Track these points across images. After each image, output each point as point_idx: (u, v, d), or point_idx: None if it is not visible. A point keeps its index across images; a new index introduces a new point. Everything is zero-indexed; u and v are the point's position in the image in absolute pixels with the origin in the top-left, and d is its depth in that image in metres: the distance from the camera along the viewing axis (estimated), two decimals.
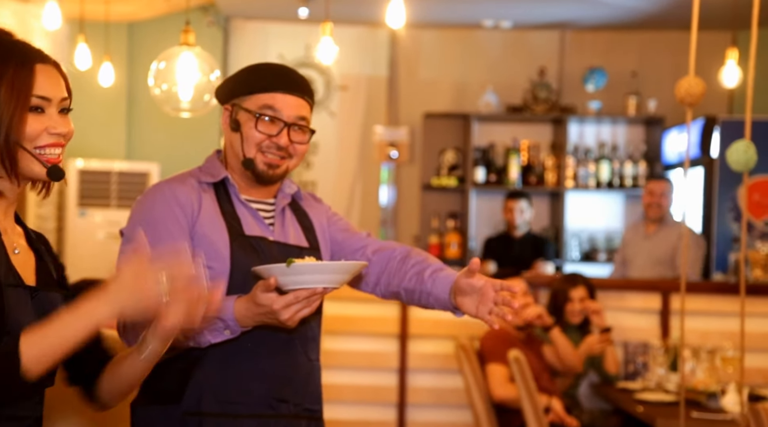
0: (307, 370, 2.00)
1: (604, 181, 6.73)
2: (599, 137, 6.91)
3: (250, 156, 1.96)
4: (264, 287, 1.72)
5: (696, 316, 4.53)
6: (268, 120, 1.95)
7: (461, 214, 6.85)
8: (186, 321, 1.47)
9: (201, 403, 1.88)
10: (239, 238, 1.93)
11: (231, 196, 1.99)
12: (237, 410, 1.89)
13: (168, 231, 1.88)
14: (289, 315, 1.73)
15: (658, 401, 3.82)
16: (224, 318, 1.79)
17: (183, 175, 2.01)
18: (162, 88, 3.14)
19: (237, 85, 2.02)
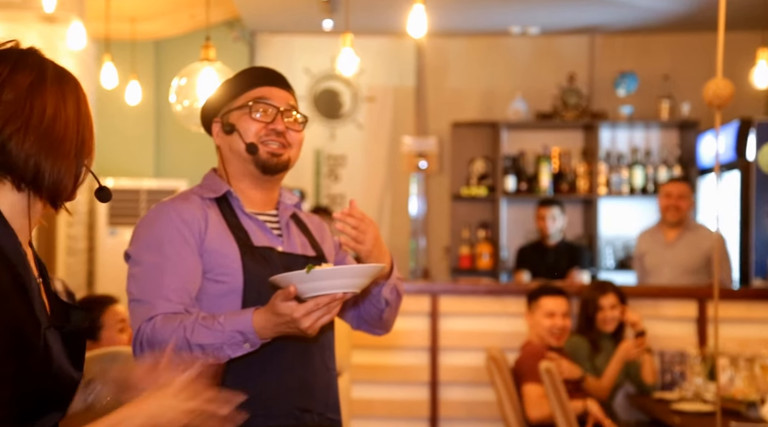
0: (326, 379, 2.03)
1: (637, 187, 6.67)
2: (632, 143, 6.86)
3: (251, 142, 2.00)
4: (283, 296, 1.73)
5: (734, 323, 4.47)
6: (261, 111, 2.01)
7: (492, 224, 6.83)
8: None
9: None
10: (249, 249, 1.95)
11: (235, 210, 2.02)
12: (262, 422, 1.91)
13: (176, 251, 1.90)
14: (310, 323, 1.73)
15: (695, 411, 3.77)
16: (243, 331, 1.79)
17: (185, 194, 2.03)
18: (184, 104, 3.17)
19: (220, 97, 2.08)
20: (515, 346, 4.26)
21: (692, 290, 4.72)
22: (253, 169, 2.02)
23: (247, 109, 2.02)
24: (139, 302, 1.89)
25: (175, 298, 1.87)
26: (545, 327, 4.05)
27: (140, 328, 1.85)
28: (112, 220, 6.30)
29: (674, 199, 4.95)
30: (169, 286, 1.87)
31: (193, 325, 1.81)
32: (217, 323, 1.80)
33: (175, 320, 1.83)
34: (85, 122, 1.53)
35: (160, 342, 1.82)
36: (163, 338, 1.82)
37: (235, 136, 2.02)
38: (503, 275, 6.68)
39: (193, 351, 1.80)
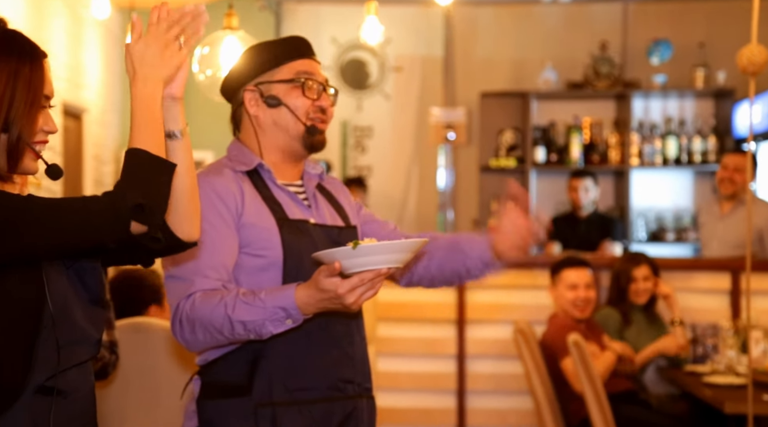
0: (363, 349, 2.06)
1: (671, 157, 6.59)
2: (665, 112, 6.77)
3: (310, 123, 2.00)
4: (328, 272, 1.73)
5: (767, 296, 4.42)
6: (312, 87, 2.00)
7: None
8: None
9: (272, 393, 1.91)
10: (286, 223, 1.95)
11: (267, 182, 2.01)
12: (307, 396, 1.93)
13: (213, 227, 1.89)
14: (354, 299, 1.74)
15: (727, 384, 3.74)
16: (286, 307, 1.79)
17: (216, 167, 2.01)
18: (206, 73, 3.17)
19: (255, 64, 2.03)
20: (543, 319, 4.25)
21: (726, 262, 4.67)
22: (296, 146, 2.02)
23: (297, 84, 2.00)
24: (176, 278, 1.89)
25: (213, 274, 1.87)
26: (569, 300, 4.04)
27: (179, 305, 1.86)
28: None
29: (729, 172, 4.87)
30: (207, 262, 1.87)
31: (234, 302, 1.81)
32: (258, 299, 1.80)
33: (215, 296, 1.83)
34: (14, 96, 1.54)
35: (201, 319, 1.83)
36: (203, 314, 1.82)
37: (283, 111, 1.99)
38: (533, 248, 6.64)
39: (235, 328, 1.81)
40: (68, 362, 1.55)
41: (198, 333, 1.84)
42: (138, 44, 1.58)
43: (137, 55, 1.58)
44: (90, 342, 1.60)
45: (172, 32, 1.58)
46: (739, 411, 3.48)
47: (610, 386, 3.84)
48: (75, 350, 1.57)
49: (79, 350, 1.58)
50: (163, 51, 1.57)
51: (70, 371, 1.57)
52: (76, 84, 5.80)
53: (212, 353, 1.95)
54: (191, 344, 1.88)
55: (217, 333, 1.83)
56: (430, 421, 4.70)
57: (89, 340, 1.60)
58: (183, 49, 1.58)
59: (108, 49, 6.49)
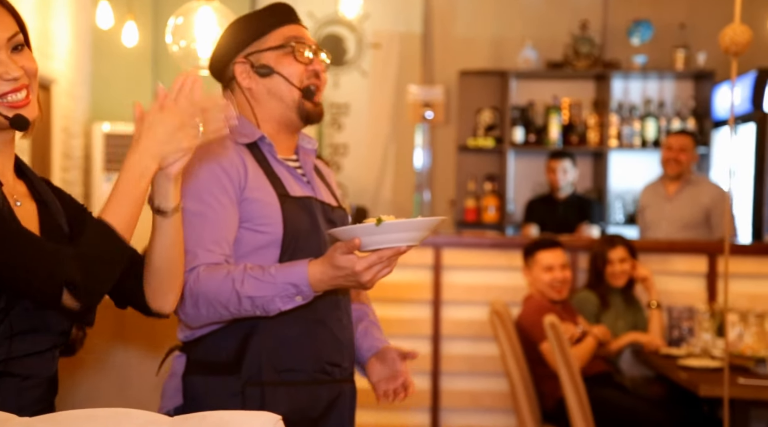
0: (350, 332, 2.04)
1: (650, 139, 6.62)
2: (645, 94, 6.79)
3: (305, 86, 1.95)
4: (345, 249, 1.71)
5: (745, 279, 4.46)
6: (303, 52, 1.96)
7: (499, 176, 6.80)
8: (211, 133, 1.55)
9: (261, 373, 1.89)
10: (287, 199, 1.93)
11: (267, 156, 1.97)
12: (296, 377, 1.92)
13: (216, 200, 1.87)
14: (370, 276, 1.73)
15: (702, 367, 3.77)
16: (297, 283, 1.76)
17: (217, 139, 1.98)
18: (180, 44, 3.12)
19: (241, 36, 1.99)
20: (519, 300, 4.26)
21: (702, 245, 4.70)
22: (292, 116, 1.98)
23: (288, 49, 1.95)
24: None
25: (216, 248, 1.85)
26: (545, 282, 4.05)
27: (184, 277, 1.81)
28: (108, 166, 6.28)
29: (675, 152, 4.96)
30: (211, 236, 1.85)
31: (242, 276, 1.79)
32: (268, 274, 1.78)
33: (221, 270, 1.81)
34: None
35: (205, 293, 1.80)
36: (208, 289, 1.80)
37: (277, 79, 1.95)
38: (509, 229, 6.66)
39: (242, 303, 1.78)
40: (21, 350, 1.52)
41: (201, 308, 1.81)
42: (154, 115, 1.50)
43: (148, 124, 1.50)
44: (53, 331, 1.57)
45: (193, 113, 1.50)
46: (714, 394, 3.51)
47: (585, 369, 3.86)
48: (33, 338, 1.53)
49: (39, 339, 1.55)
50: (176, 130, 1.49)
51: (30, 358, 1.54)
52: (44, 54, 5.70)
53: (200, 330, 1.92)
54: (192, 318, 1.85)
55: (222, 308, 1.80)
56: (404, 402, 4.69)
57: (51, 329, 1.56)
58: (198, 135, 1.50)
59: (78, 17, 6.38)
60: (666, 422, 3.78)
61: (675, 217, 4.96)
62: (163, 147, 1.49)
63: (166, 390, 1.97)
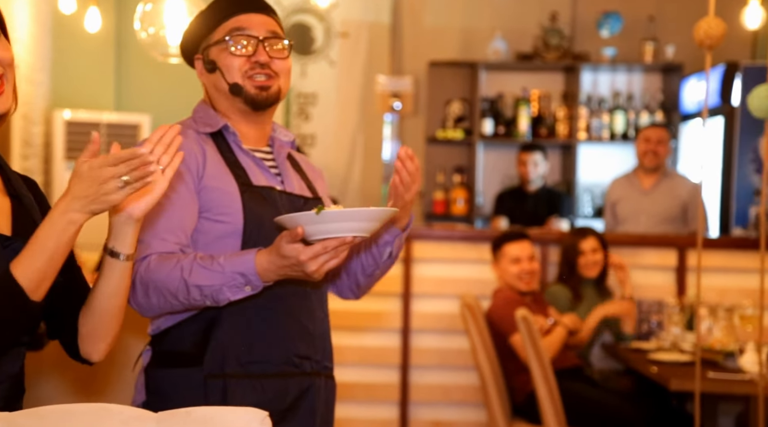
0: (324, 326, 2.02)
1: (618, 132, 6.66)
2: (614, 86, 6.83)
3: (234, 82, 1.94)
4: (290, 238, 1.69)
5: (714, 273, 4.51)
6: (241, 44, 1.94)
7: (468, 168, 6.81)
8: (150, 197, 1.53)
9: (224, 365, 1.86)
10: (249, 189, 1.91)
11: (231, 146, 1.96)
12: (261, 369, 1.89)
13: (172, 187, 1.82)
14: (316, 267, 1.70)
15: (672, 361, 3.81)
16: (245, 273, 1.75)
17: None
18: (149, 31, 3.09)
19: (197, 30, 2.01)
20: (489, 293, 4.27)
21: (672, 239, 4.75)
22: (241, 106, 1.97)
23: (224, 43, 1.95)
24: None
25: (170, 237, 1.83)
26: (513, 274, 4.07)
27: (135, 266, 1.80)
28: (69, 154, 6.18)
29: (653, 145, 5.00)
30: (165, 225, 1.83)
31: (191, 265, 1.77)
32: (216, 263, 1.76)
33: (171, 259, 1.79)
34: None
35: (155, 282, 1.78)
36: (158, 277, 1.78)
37: (218, 75, 1.96)
38: (478, 222, 6.68)
39: (190, 292, 1.76)
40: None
41: (152, 297, 1.79)
42: (82, 165, 1.45)
43: (75, 176, 1.46)
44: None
45: (112, 170, 1.44)
46: (685, 388, 3.55)
47: (555, 362, 3.88)
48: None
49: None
50: (99, 185, 1.44)
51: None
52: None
53: (165, 322, 1.90)
54: (144, 308, 1.83)
55: (171, 297, 1.78)
56: (373, 396, 4.70)
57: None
58: (123, 189, 1.45)
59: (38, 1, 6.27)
60: (635, 415, 3.82)
61: (654, 210, 4.99)
62: (88, 203, 1.45)
63: (136, 386, 1.96)
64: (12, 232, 1.57)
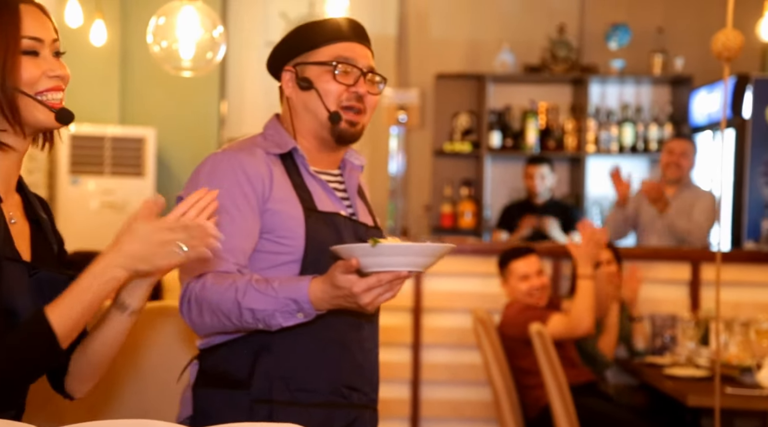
0: (373, 357, 2.01)
1: (627, 145, 6.67)
2: (622, 98, 6.84)
3: (336, 110, 1.94)
4: (344, 269, 1.69)
5: (727, 287, 4.49)
6: (344, 71, 1.94)
7: (476, 181, 6.81)
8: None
9: (272, 391, 1.86)
10: (313, 214, 1.90)
11: (300, 168, 1.96)
12: (309, 398, 1.88)
13: (236, 208, 1.85)
14: (369, 299, 1.69)
15: (688, 376, 3.80)
16: (298, 300, 1.74)
17: (248, 145, 1.96)
18: (162, 45, 3.10)
19: (297, 43, 1.99)
20: (500, 307, 4.26)
21: (686, 252, 4.75)
22: (326, 135, 1.97)
23: (329, 68, 1.94)
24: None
25: (230, 257, 1.83)
26: (523, 291, 4.04)
27: (189, 285, 1.82)
28: (74, 168, 6.19)
29: (676, 157, 5.05)
30: (225, 244, 1.78)
31: (245, 287, 1.77)
32: (270, 287, 1.76)
33: (227, 279, 1.79)
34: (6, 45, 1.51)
35: (209, 301, 1.78)
36: (213, 297, 1.78)
37: (313, 96, 1.95)
38: (486, 235, 6.68)
39: (243, 315, 1.76)
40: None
41: (205, 316, 1.80)
42: (141, 226, 1.45)
43: (129, 234, 1.46)
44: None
45: (175, 235, 1.45)
46: (702, 404, 3.54)
47: (570, 378, 3.87)
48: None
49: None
50: (155, 248, 1.45)
51: None
52: None
53: (215, 339, 1.90)
54: (198, 326, 1.84)
55: (224, 318, 1.78)
56: (384, 412, 4.64)
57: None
58: (179, 255, 1.46)
59: None
60: None
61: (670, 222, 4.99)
62: (137, 262, 1.45)
63: (182, 400, 1.96)
64: (31, 257, 1.57)
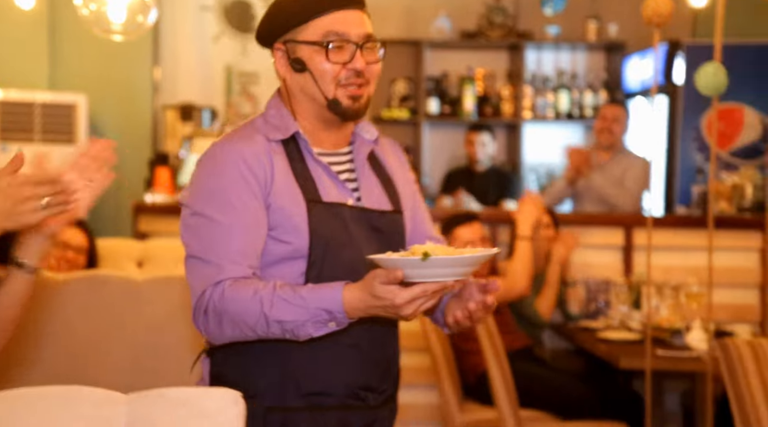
0: (390, 348, 1.90)
1: (563, 111, 6.73)
2: (558, 65, 6.89)
3: (333, 96, 1.79)
4: (387, 279, 1.58)
5: (659, 251, 4.57)
6: (337, 47, 1.79)
7: (414, 148, 6.81)
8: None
9: (285, 397, 1.79)
10: (317, 206, 1.78)
11: (302, 152, 1.82)
12: (323, 402, 1.80)
13: (244, 206, 1.74)
14: (412, 310, 1.61)
15: (621, 339, 3.88)
16: (331, 310, 1.64)
17: (248, 131, 1.82)
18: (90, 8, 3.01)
19: (285, 18, 1.83)
20: None
21: (619, 218, 4.83)
22: (328, 115, 1.82)
23: (320, 47, 1.78)
24: (202, 261, 1.73)
25: (243, 261, 1.72)
26: None
27: (205, 293, 1.71)
28: (3, 135, 6.02)
29: (608, 123, 5.14)
30: (237, 247, 1.72)
31: (271, 298, 1.67)
32: (299, 297, 1.66)
33: (248, 288, 1.69)
34: None
35: (231, 313, 1.69)
36: (235, 309, 1.68)
37: (308, 78, 1.80)
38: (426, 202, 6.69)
39: (270, 327, 1.67)
40: None
41: (225, 327, 1.70)
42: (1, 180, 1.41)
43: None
44: None
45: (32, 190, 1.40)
46: (633, 366, 3.62)
47: (507, 343, 3.92)
48: None
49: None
50: (14, 204, 1.40)
51: None
52: None
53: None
54: (215, 337, 1.75)
55: (248, 330, 1.69)
56: None
57: None
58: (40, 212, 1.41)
59: None
60: (585, 394, 3.88)
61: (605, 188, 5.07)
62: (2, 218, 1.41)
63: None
64: None
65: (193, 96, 6.59)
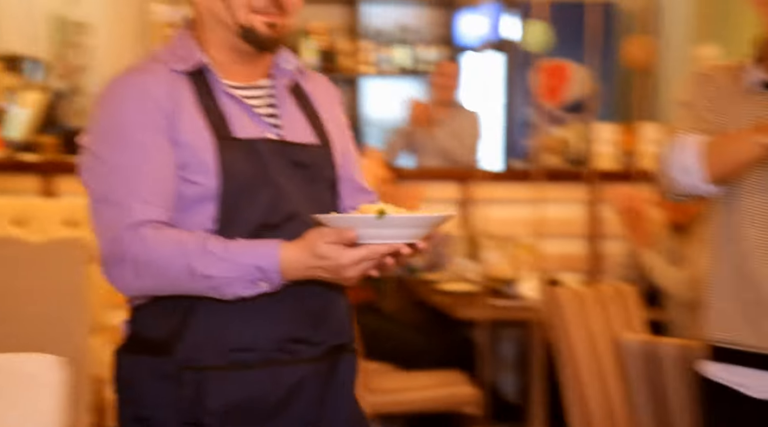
0: (327, 300, 1.67)
1: (402, 66, 6.80)
2: (397, 20, 6.93)
3: (247, 23, 1.60)
4: (336, 239, 1.44)
5: (493, 204, 4.74)
6: None
7: None
8: None
9: (201, 354, 1.59)
10: (227, 142, 1.59)
11: (211, 86, 1.63)
12: (244, 359, 1.60)
13: (150, 139, 1.55)
14: (356, 273, 1.46)
15: (459, 291, 4.00)
16: (265, 268, 1.48)
17: (149, 63, 1.63)
18: None
19: None
20: None
21: (456, 172, 4.94)
22: (242, 44, 1.63)
23: None
24: (107, 203, 1.55)
25: (157, 201, 1.54)
26: None
27: (120, 238, 1.52)
28: None
29: (444, 78, 5.26)
30: (148, 185, 1.55)
31: (199, 249, 1.50)
32: (229, 251, 1.50)
33: (172, 237, 1.53)
34: None
35: (153, 263, 1.51)
36: (157, 258, 1.50)
37: (217, 3, 1.61)
38: None
39: (195, 281, 1.50)
40: None
41: (145, 278, 1.53)
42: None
43: None
44: None
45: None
46: (469, 316, 3.75)
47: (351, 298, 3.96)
48: None
49: None
50: None
51: None
52: None
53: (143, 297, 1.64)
54: (131, 288, 1.57)
55: (169, 283, 1.53)
56: None
57: None
58: None
59: None
60: (427, 346, 3.99)
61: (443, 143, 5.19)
62: None
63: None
64: None
65: (19, 44, 6.22)
